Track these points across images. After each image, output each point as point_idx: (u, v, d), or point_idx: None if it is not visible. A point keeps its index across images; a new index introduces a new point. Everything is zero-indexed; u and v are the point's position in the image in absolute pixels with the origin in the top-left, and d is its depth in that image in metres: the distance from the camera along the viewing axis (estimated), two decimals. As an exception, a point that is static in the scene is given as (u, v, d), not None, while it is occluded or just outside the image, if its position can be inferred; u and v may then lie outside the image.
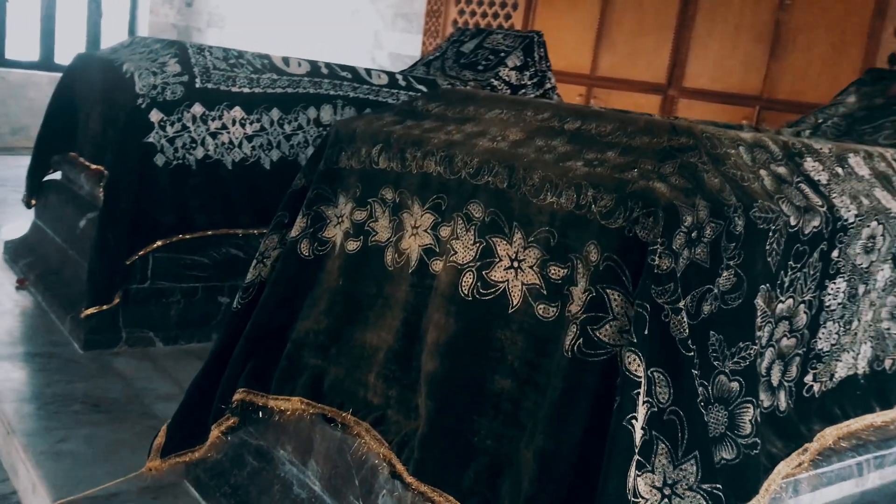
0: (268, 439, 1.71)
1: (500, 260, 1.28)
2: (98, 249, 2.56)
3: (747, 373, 1.18)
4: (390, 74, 3.19)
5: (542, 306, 1.22)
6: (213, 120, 2.72)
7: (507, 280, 1.27)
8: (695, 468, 1.08)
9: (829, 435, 1.42)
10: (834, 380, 1.44)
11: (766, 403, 1.31)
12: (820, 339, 1.37)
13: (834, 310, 1.37)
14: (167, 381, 2.39)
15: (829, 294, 1.35)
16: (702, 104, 5.25)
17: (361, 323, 1.55)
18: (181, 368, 2.49)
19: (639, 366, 1.04)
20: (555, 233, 1.21)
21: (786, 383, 1.34)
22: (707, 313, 1.14)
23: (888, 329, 1.51)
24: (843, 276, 1.36)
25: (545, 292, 1.22)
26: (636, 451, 1.04)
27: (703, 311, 1.13)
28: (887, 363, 1.54)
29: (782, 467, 1.29)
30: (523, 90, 3.47)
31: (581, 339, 1.12)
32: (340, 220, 1.63)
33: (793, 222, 1.24)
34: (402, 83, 3.19)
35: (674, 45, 5.31)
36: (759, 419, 1.20)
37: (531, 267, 1.24)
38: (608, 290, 1.11)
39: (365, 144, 1.59)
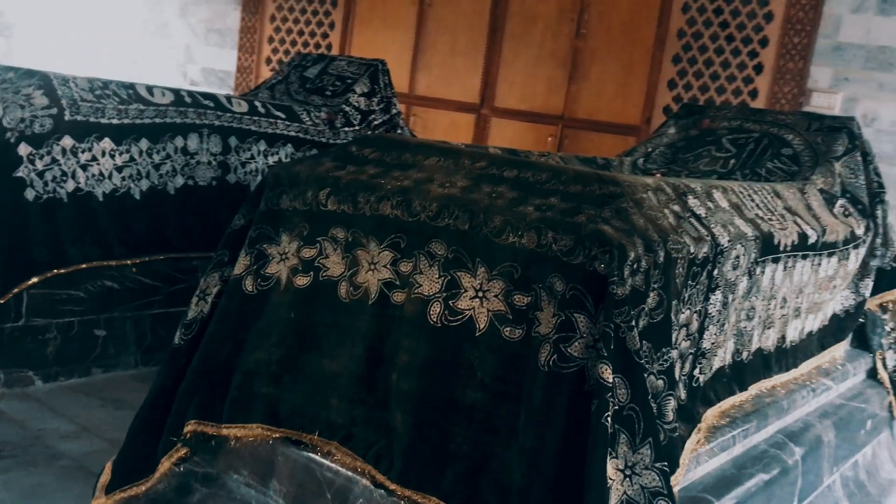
0: (217, 466, 1.81)
1: (466, 291, 1.51)
2: (-33, 288, 2.45)
3: (668, 372, 1.49)
4: (249, 102, 3.28)
5: (507, 329, 1.46)
6: (83, 152, 2.69)
7: (473, 308, 1.50)
8: (649, 451, 1.37)
9: (709, 416, 1.78)
10: (711, 371, 1.80)
11: (671, 394, 1.64)
12: (705, 340, 1.72)
13: (713, 316, 1.73)
14: (61, 419, 2.36)
15: (711, 304, 1.70)
16: (512, 123, 5.73)
17: (317, 351, 1.70)
18: (70, 405, 2.46)
19: (609, 374, 1.31)
20: (518, 267, 1.45)
21: (683, 377, 1.67)
22: (641, 327, 1.43)
23: (745, 327, 1.90)
24: (720, 289, 1.72)
25: (510, 317, 1.46)
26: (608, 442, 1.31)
27: (639, 325, 1.42)
28: (744, 355, 1.93)
29: (688, 445, 1.62)
30: (372, 115, 3.67)
31: (555, 356, 1.37)
32: (284, 257, 1.77)
33: (692, 250, 1.57)
34: (262, 110, 3.29)
35: (484, 68, 5.74)
36: (676, 408, 1.52)
37: (496, 296, 1.47)
38: (575, 314, 1.37)
39: (311, 188, 1.74)
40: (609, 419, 1.31)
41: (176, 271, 2.94)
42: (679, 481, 1.51)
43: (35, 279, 2.55)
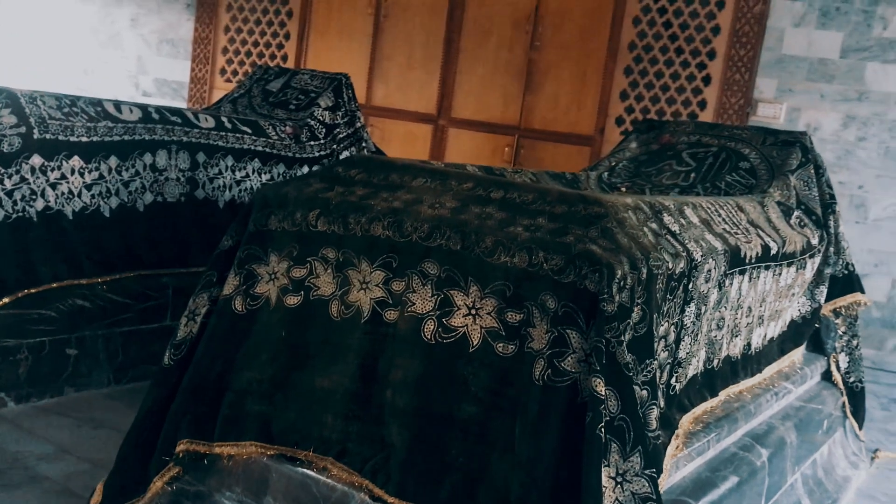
0: (210, 484, 1.83)
1: (459, 308, 1.56)
2: (-63, 311, 2.42)
3: (651, 382, 1.57)
4: (216, 117, 3.29)
5: (500, 345, 1.52)
6: (53, 170, 2.67)
7: (467, 325, 1.56)
8: (639, 459, 1.44)
9: (685, 422, 1.87)
10: (685, 379, 1.89)
11: (651, 403, 1.72)
12: (681, 350, 1.81)
13: (688, 327, 1.82)
14: (39, 441, 2.34)
15: (686, 316, 1.79)
16: (469, 133, 5.81)
17: (309, 369, 1.74)
18: (46, 426, 2.44)
19: (603, 387, 1.39)
20: (510, 285, 1.51)
21: (661, 386, 1.75)
22: (626, 340, 1.51)
23: (715, 336, 1.99)
24: (694, 302, 1.81)
25: (503, 333, 1.52)
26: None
27: (625, 339, 1.50)
28: (715, 362, 2.03)
29: (669, 451, 1.70)
30: (337, 129, 3.71)
31: (549, 370, 1.44)
32: (274, 277, 1.80)
33: (670, 266, 1.65)
34: (228, 125, 3.30)
35: (441, 79, 5.82)
36: (658, 416, 1.60)
37: (489, 313, 1.54)
38: (568, 331, 1.44)
39: (300, 209, 1.78)
40: (603, 430, 1.38)
41: (146, 288, 2.94)
42: (663, 486, 1.59)
43: (6, 299, 2.53)
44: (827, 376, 2.84)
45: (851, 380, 2.91)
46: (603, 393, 1.39)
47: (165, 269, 3.01)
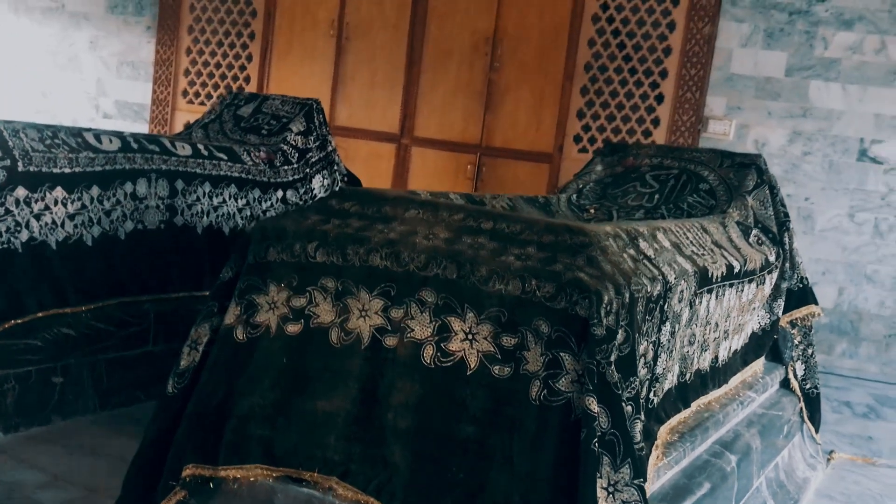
0: (214, 507, 1.90)
1: (456, 334, 1.67)
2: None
3: (635, 398, 1.70)
4: (193, 145, 3.35)
5: (497, 367, 1.64)
6: (37, 202, 2.72)
7: (464, 349, 1.67)
8: (628, 470, 1.56)
9: (662, 432, 2.00)
10: (662, 393, 2.02)
11: (632, 416, 1.85)
12: (658, 366, 1.94)
13: (664, 344, 1.95)
14: (33, 469, 2.38)
15: (663, 334, 1.93)
16: (432, 151, 5.93)
17: (310, 394, 1.83)
18: (37, 455, 2.48)
19: (596, 405, 1.51)
20: (505, 312, 1.63)
21: (642, 400, 1.88)
22: (613, 360, 1.63)
23: (688, 352, 2.13)
24: (669, 321, 1.94)
25: (499, 356, 1.63)
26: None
27: (612, 359, 1.62)
28: (687, 376, 2.17)
29: (651, 461, 1.83)
30: (309, 153, 3.79)
31: (545, 391, 1.56)
32: (273, 306, 1.89)
33: (648, 290, 1.79)
34: (205, 153, 3.37)
35: (403, 99, 5.93)
36: (642, 429, 1.72)
37: (485, 338, 1.65)
38: (561, 353, 1.56)
39: (298, 241, 1.87)
40: (596, 444, 1.50)
41: (128, 315, 2.98)
42: (648, 494, 1.72)
43: (-6, 330, 2.56)
44: (785, 384, 3.02)
45: (808, 386, 3.09)
46: (596, 410, 1.51)
47: (147, 296, 3.06)
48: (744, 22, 5.56)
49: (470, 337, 1.66)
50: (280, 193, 3.64)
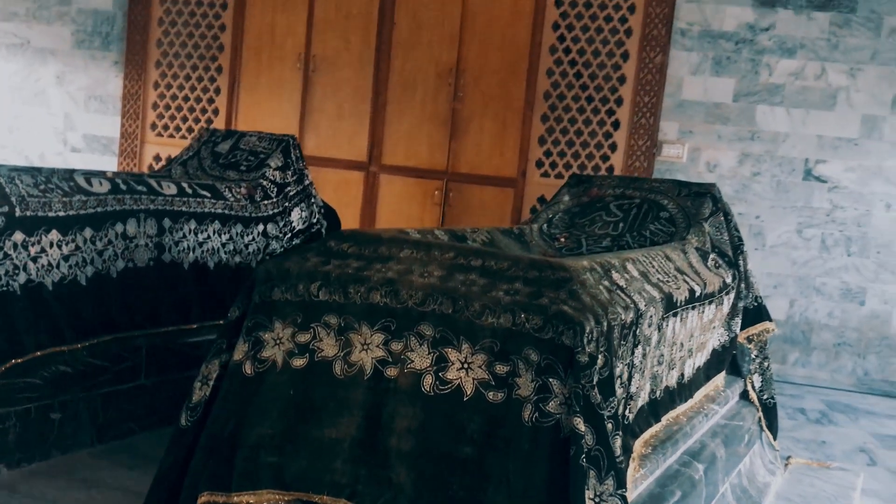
0: (227, 532, 2.04)
1: (453, 364, 1.85)
2: (-69, 386, 2.54)
3: (615, 416, 1.88)
4: (177, 184, 3.48)
5: (491, 393, 1.81)
6: (33, 245, 2.83)
7: (461, 377, 1.84)
8: (613, 482, 1.75)
9: (637, 445, 2.20)
10: (636, 410, 2.22)
11: (611, 432, 2.03)
12: (632, 385, 2.13)
13: (637, 366, 2.14)
14: (38, 503, 2.48)
15: (636, 356, 2.12)
16: (400, 178, 6.12)
17: (317, 422, 1.98)
18: (41, 489, 2.58)
19: (582, 424, 1.69)
20: (497, 342, 1.81)
21: (619, 417, 2.07)
22: (595, 383, 1.82)
23: (657, 371, 2.33)
24: (641, 344, 2.14)
25: (493, 383, 1.81)
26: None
27: (595, 382, 1.81)
28: (657, 393, 2.36)
29: (629, 472, 2.02)
30: (287, 187, 3.95)
31: (536, 413, 1.74)
32: (279, 342, 2.04)
33: (623, 317, 1.98)
34: (189, 191, 3.50)
35: (370, 128, 6.11)
36: (622, 444, 1.91)
37: (479, 367, 1.82)
38: (550, 379, 1.74)
39: (301, 281, 2.03)
40: (584, 460, 1.68)
41: (122, 350, 3.09)
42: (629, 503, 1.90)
43: (-4, 370, 2.66)
44: (744, 395, 3.24)
45: (765, 397, 3.32)
46: (583, 429, 1.69)
47: (138, 331, 3.18)
48: (693, 51, 5.86)
49: (466, 366, 1.83)
50: (261, 227, 3.78)
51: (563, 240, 3.07)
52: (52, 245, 2.89)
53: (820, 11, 5.66)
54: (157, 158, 6.39)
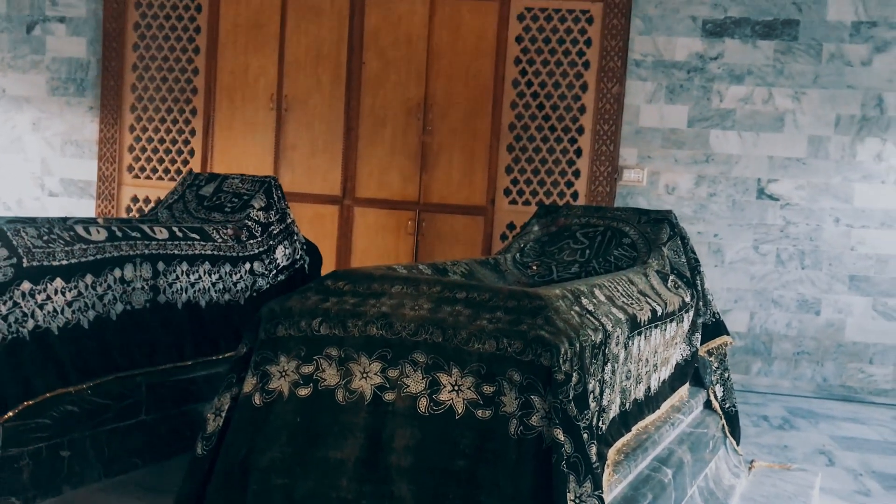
0: (243, 550, 2.23)
1: (444, 387, 2.07)
2: (-50, 430, 2.70)
3: (589, 427, 2.12)
4: (168, 228, 3.68)
5: (480, 411, 2.04)
6: (39, 293, 3.00)
7: (452, 398, 2.06)
8: (590, 484, 1.97)
9: (611, 453, 2.43)
10: (608, 421, 2.45)
11: (587, 442, 2.26)
12: (604, 399, 2.37)
13: (607, 381, 2.38)
14: (57, 537, 2.65)
15: (606, 373, 2.36)
16: (373, 210, 6.34)
17: (322, 446, 2.19)
18: (57, 524, 2.75)
19: (562, 435, 1.92)
20: (484, 366, 2.04)
21: (594, 428, 2.30)
22: (571, 398, 2.05)
23: (626, 385, 2.57)
24: (610, 362, 2.38)
25: (481, 402, 2.03)
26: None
27: (571, 397, 2.04)
28: (627, 405, 2.60)
29: (604, 477, 2.25)
30: (272, 226, 4.15)
31: (521, 427, 1.96)
32: (284, 374, 2.24)
33: (593, 339, 2.22)
34: (180, 234, 3.69)
35: (343, 163, 6.34)
36: (596, 451, 2.14)
37: (469, 388, 2.05)
38: (532, 396, 1.97)
39: (304, 318, 2.24)
40: (564, 466, 1.91)
41: (123, 389, 3.26)
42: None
43: (10, 413, 2.82)
44: (708, 405, 3.50)
45: (727, 405, 3.58)
46: (562, 439, 1.92)
47: (138, 370, 3.35)
48: (647, 81, 6.19)
49: (456, 388, 2.06)
50: (248, 266, 3.98)
51: (535, 268, 3.31)
52: (56, 292, 3.06)
53: (764, 40, 6.02)
54: (135, 200, 6.55)
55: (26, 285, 2.96)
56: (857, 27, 5.92)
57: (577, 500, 1.95)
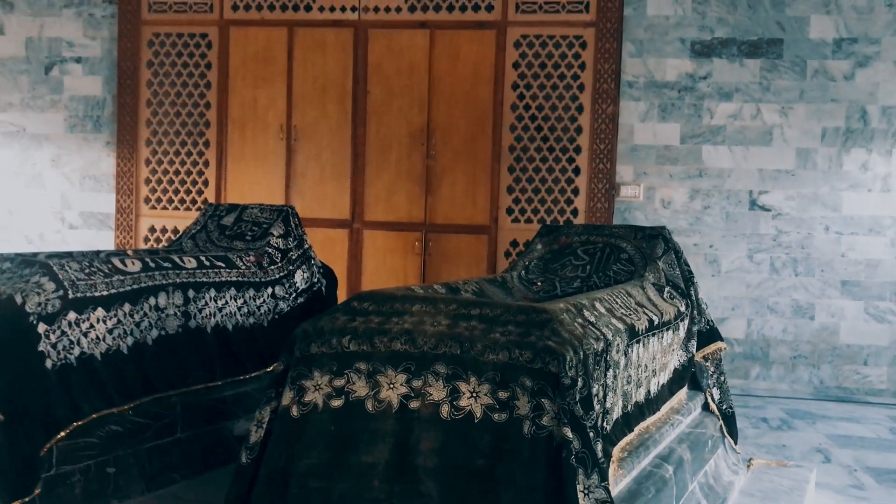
0: (286, 548, 2.46)
1: (464, 394, 2.32)
2: (9, 449, 2.94)
3: (595, 426, 2.36)
4: (196, 257, 3.93)
5: (496, 415, 2.28)
6: (84, 322, 3.25)
7: (471, 404, 2.31)
8: (597, 476, 2.21)
9: (615, 451, 2.67)
10: (612, 422, 2.69)
11: (593, 441, 2.51)
12: (607, 402, 2.61)
13: (610, 385, 2.63)
14: (112, 545, 2.88)
15: (608, 378, 2.60)
16: (382, 233, 6.60)
17: (355, 451, 2.43)
18: (109, 534, 2.98)
19: (570, 433, 2.17)
20: (498, 374, 2.28)
21: (599, 428, 2.55)
22: (578, 400, 2.30)
23: (627, 390, 2.82)
24: (611, 368, 2.62)
25: (497, 407, 2.28)
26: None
27: (577, 400, 2.29)
28: (629, 408, 2.85)
29: (610, 472, 2.49)
30: (290, 252, 4.41)
31: (533, 427, 2.21)
32: (318, 388, 2.49)
33: (595, 347, 2.47)
34: (207, 263, 3.95)
35: (352, 188, 6.61)
36: (602, 448, 2.39)
37: (485, 394, 2.30)
38: (542, 399, 2.22)
39: (335, 336, 2.49)
40: (573, 461, 2.16)
41: (160, 409, 3.51)
42: (612, 495, 2.37)
43: (62, 434, 3.07)
44: (705, 407, 3.73)
45: (724, 407, 3.81)
46: (570, 437, 2.17)
47: (173, 391, 3.60)
48: (640, 101, 6.46)
49: (474, 395, 2.30)
50: (270, 290, 4.23)
51: (539, 284, 3.56)
52: (98, 321, 3.32)
53: (750, 59, 6.30)
54: (153, 230, 6.81)
55: (72, 315, 3.21)
56: (839, 44, 6.20)
57: (586, 491, 2.19)
